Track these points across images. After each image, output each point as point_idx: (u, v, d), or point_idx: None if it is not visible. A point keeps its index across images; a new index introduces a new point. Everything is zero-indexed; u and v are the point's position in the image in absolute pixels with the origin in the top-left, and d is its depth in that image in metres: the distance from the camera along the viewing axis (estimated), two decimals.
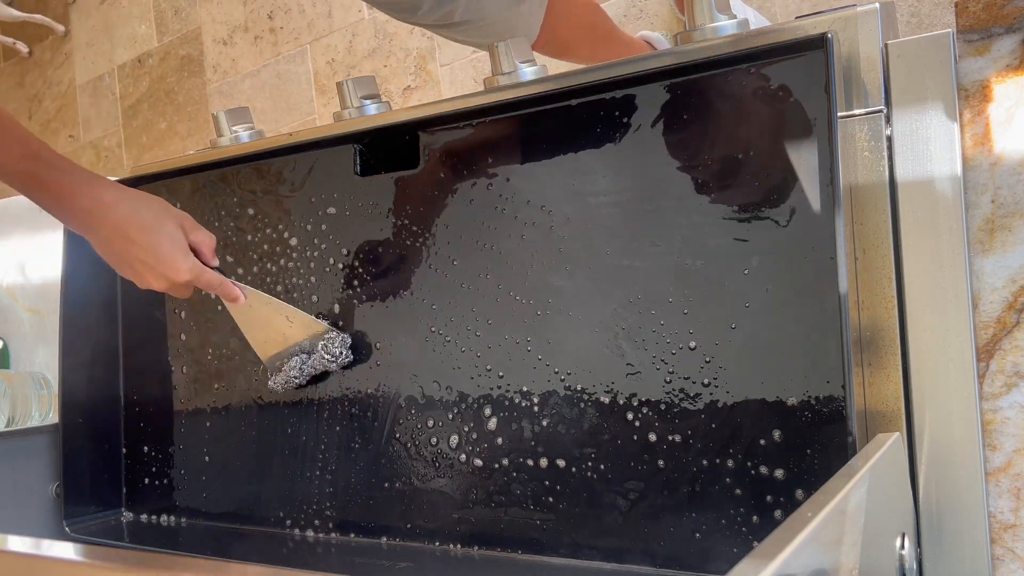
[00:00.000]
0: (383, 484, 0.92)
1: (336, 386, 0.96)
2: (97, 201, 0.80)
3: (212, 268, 0.86)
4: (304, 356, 0.93)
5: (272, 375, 0.96)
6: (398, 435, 0.91)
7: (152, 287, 0.84)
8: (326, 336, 0.92)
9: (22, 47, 2.30)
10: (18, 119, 0.83)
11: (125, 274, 0.84)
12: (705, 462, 0.74)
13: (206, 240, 0.86)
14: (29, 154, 0.78)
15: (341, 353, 0.92)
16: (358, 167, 0.95)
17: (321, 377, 0.95)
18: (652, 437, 0.77)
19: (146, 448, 1.10)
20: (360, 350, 0.94)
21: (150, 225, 0.81)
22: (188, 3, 1.72)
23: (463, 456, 0.87)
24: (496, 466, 0.85)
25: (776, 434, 0.71)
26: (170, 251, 0.82)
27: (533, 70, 0.88)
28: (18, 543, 0.57)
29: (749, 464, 0.72)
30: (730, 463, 0.73)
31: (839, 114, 0.69)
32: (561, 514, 0.80)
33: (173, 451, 1.08)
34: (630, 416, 0.78)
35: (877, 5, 0.71)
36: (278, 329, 0.93)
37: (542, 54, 1.12)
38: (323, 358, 0.92)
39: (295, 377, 0.94)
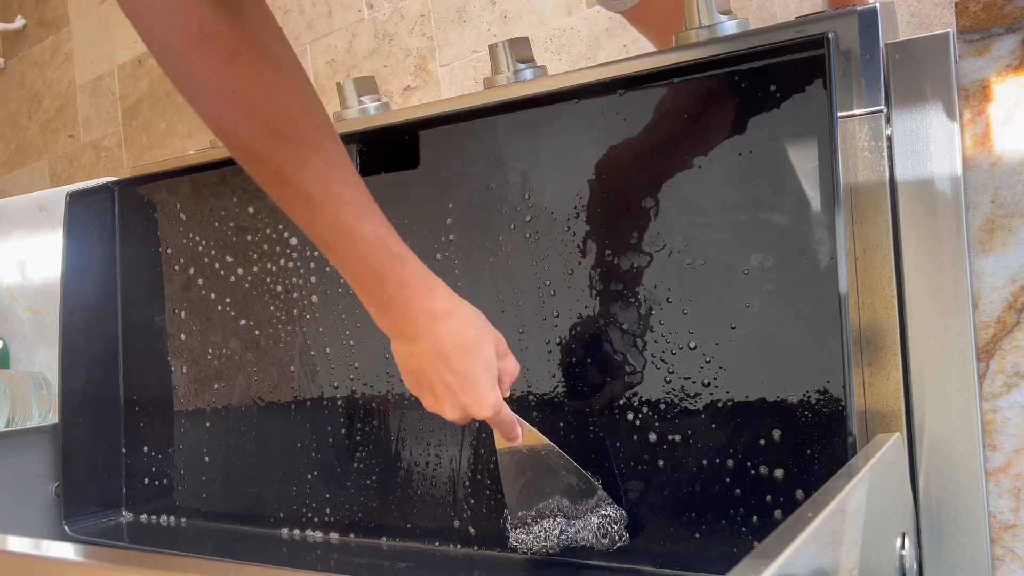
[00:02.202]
0: (383, 484, 0.92)
1: (337, 386, 0.96)
2: (428, 311, 0.67)
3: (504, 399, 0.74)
4: (563, 521, 0.78)
5: (516, 528, 0.80)
6: (398, 435, 0.91)
7: (442, 415, 0.71)
8: (600, 509, 0.77)
9: None
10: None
11: (417, 392, 0.71)
12: (705, 462, 0.74)
13: (512, 370, 0.73)
14: (381, 244, 0.64)
15: (619, 537, 0.76)
16: (358, 167, 0.95)
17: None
18: (652, 437, 0.77)
19: (146, 448, 1.10)
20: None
21: (471, 348, 0.68)
22: None
23: (463, 456, 0.87)
24: (496, 466, 0.85)
25: (776, 434, 0.71)
26: (483, 383, 0.69)
27: (532, 70, 0.89)
28: (18, 543, 0.57)
29: (749, 464, 0.72)
30: (730, 463, 0.73)
31: (839, 114, 0.69)
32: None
33: (173, 451, 1.08)
34: (630, 416, 0.78)
35: (877, 5, 0.71)
36: (540, 480, 0.78)
37: (631, 21, 1.08)
38: (594, 535, 0.77)
39: (544, 543, 0.78)
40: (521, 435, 0.76)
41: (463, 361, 0.68)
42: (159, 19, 0.56)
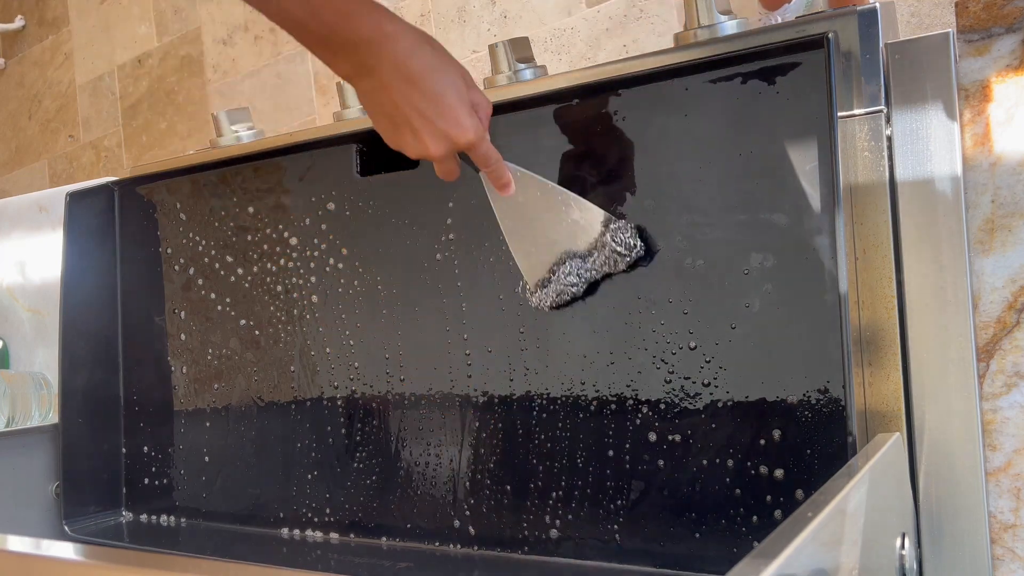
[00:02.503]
0: (383, 484, 0.92)
1: (337, 386, 0.96)
2: (379, 31, 0.63)
3: None
4: (579, 260, 0.76)
5: (536, 290, 0.78)
6: (398, 435, 0.91)
7: (426, 152, 0.67)
8: (610, 228, 0.75)
9: None
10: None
11: (397, 136, 0.67)
12: (705, 462, 0.74)
13: (484, 103, 0.69)
14: None
15: (634, 245, 0.74)
16: (358, 167, 0.95)
17: (593, 288, 0.79)
18: (652, 437, 0.77)
19: (146, 448, 1.10)
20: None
21: (435, 66, 0.64)
22: (188, 3, 1.72)
23: (463, 456, 0.87)
24: (496, 466, 0.85)
25: (776, 434, 0.71)
26: (456, 102, 0.65)
27: (532, 70, 0.88)
28: (18, 543, 0.57)
29: (749, 464, 0.72)
30: (730, 463, 0.73)
31: (839, 114, 0.69)
32: (561, 514, 0.80)
33: (173, 451, 1.08)
34: (630, 416, 0.78)
35: (877, 5, 0.71)
36: (546, 231, 0.75)
37: None
38: (614, 253, 0.74)
39: (571, 285, 0.76)
40: (513, 183, 0.72)
41: (432, 80, 0.64)
42: None
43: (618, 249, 0.74)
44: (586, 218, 0.74)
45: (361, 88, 0.66)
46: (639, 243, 0.75)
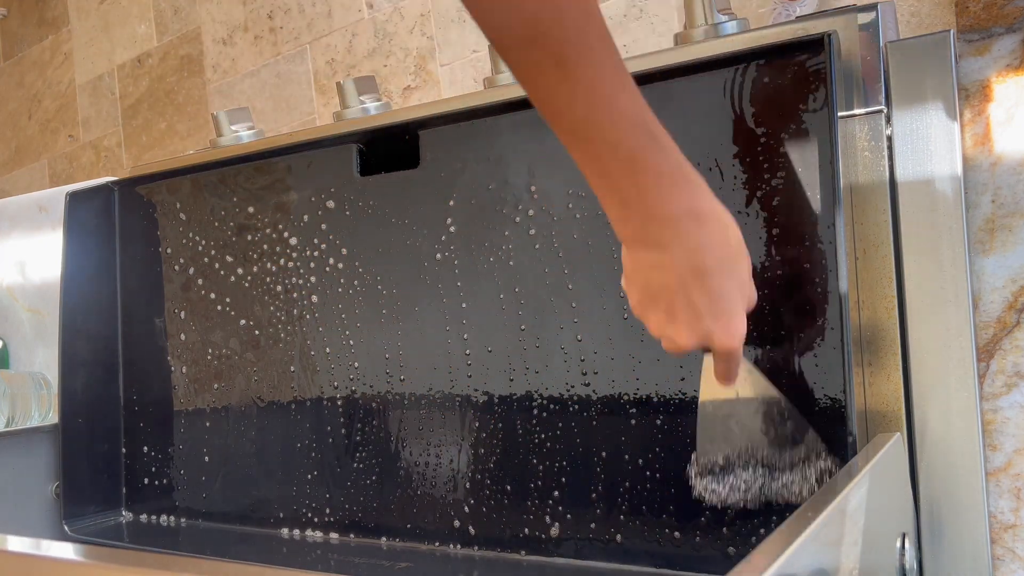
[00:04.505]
0: (383, 484, 0.92)
1: (337, 386, 0.96)
2: (691, 212, 0.54)
3: None
4: (764, 473, 0.68)
5: (703, 475, 0.70)
6: (398, 435, 0.91)
7: (673, 340, 0.59)
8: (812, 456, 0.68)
9: None
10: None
11: (647, 311, 0.59)
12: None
13: (754, 298, 0.61)
14: (639, 122, 0.52)
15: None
16: (358, 167, 0.95)
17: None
18: (652, 437, 0.77)
19: (146, 448, 1.10)
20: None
21: (729, 264, 0.56)
22: (188, 3, 1.72)
23: (463, 456, 0.87)
24: (496, 466, 0.85)
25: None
26: (737, 307, 0.57)
27: None
28: (18, 543, 0.57)
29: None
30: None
31: (839, 114, 0.69)
32: (561, 514, 0.80)
33: (173, 451, 1.08)
34: (630, 416, 0.78)
35: (877, 5, 0.71)
36: (744, 426, 0.68)
37: None
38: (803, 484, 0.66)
39: (729, 496, 0.68)
40: (738, 379, 0.63)
41: (722, 279, 0.56)
42: None
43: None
44: (798, 436, 0.67)
45: (632, 257, 0.57)
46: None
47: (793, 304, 0.71)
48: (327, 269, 0.96)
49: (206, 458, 1.05)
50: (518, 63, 0.50)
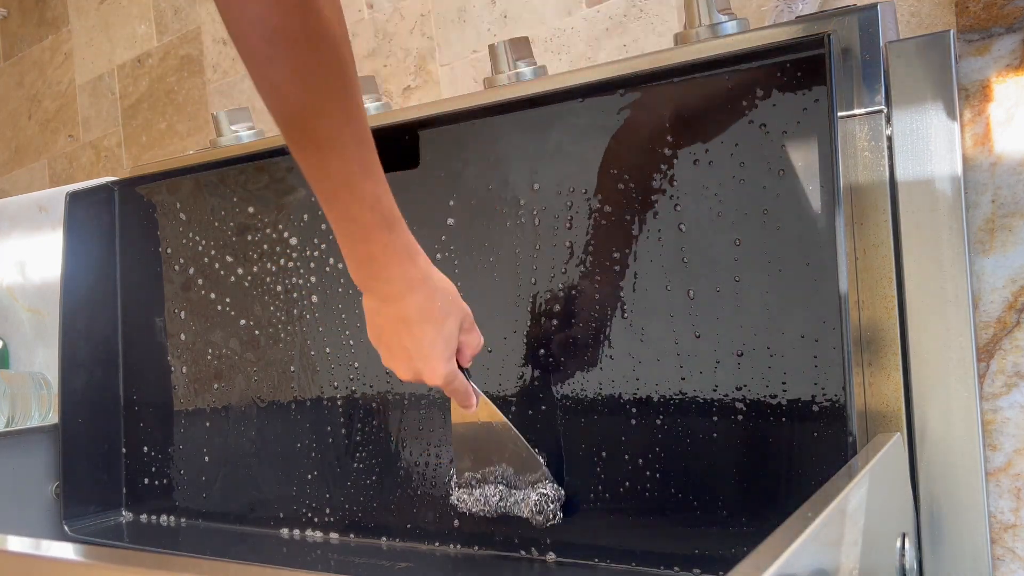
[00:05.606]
0: (383, 484, 0.92)
1: (337, 386, 0.96)
2: (404, 278, 0.69)
3: (463, 369, 0.76)
4: (504, 489, 0.81)
5: (459, 488, 0.84)
6: (398, 435, 0.91)
7: (395, 371, 0.74)
8: (540, 485, 0.80)
9: None
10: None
11: (375, 343, 0.74)
12: (705, 462, 0.74)
13: (475, 343, 0.76)
14: (376, 206, 0.65)
15: (552, 516, 0.79)
16: None
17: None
18: (652, 437, 0.77)
19: (146, 448, 1.10)
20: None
21: (434, 320, 0.71)
22: (188, 3, 1.72)
23: None
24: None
25: (776, 434, 0.71)
26: (439, 353, 0.72)
27: (532, 70, 0.89)
28: (18, 543, 0.57)
29: (749, 464, 0.72)
30: (730, 463, 0.73)
31: (839, 114, 0.69)
32: (561, 514, 0.80)
33: (173, 451, 1.08)
34: (630, 415, 0.78)
35: (877, 5, 0.71)
36: (488, 447, 0.81)
37: None
38: (530, 509, 0.80)
39: (482, 507, 0.81)
40: (476, 405, 0.78)
41: (423, 331, 0.71)
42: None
43: (537, 516, 0.79)
44: (526, 461, 0.80)
45: (365, 301, 0.72)
46: (558, 515, 0.79)
47: (793, 304, 0.71)
48: (327, 269, 0.96)
49: (206, 458, 1.05)
50: (288, 135, 0.61)
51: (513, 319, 0.84)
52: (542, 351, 0.83)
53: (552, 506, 0.79)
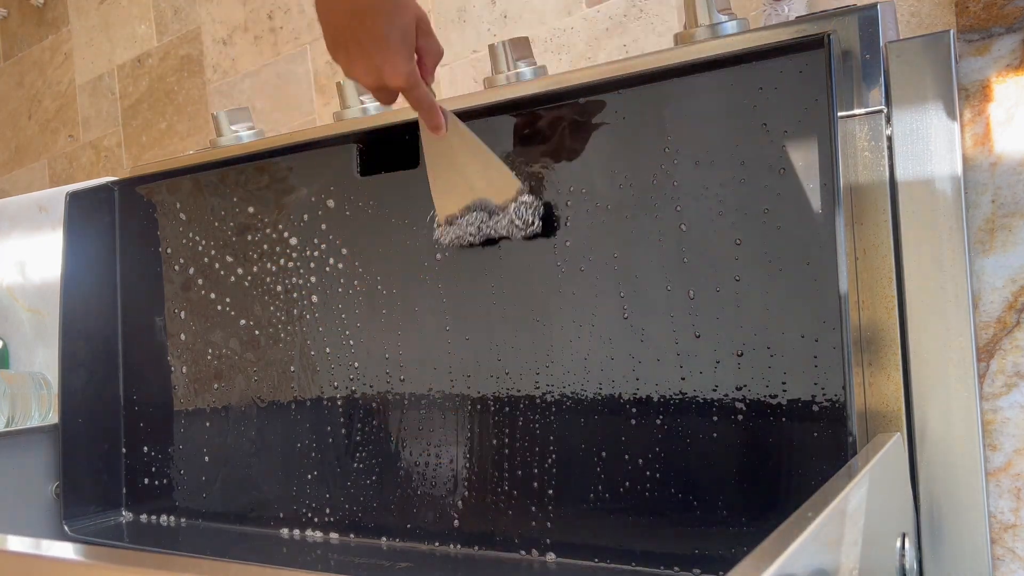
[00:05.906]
0: (383, 484, 0.92)
1: (337, 386, 0.96)
2: None
3: (427, 84, 0.74)
4: (485, 215, 0.82)
5: (441, 226, 0.85)
6: (398, 435, 0.91)
7: (358, 79, 0.71)
8: (519, 199, 0.81)
9: None
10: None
11: (335, 55, 0.70)
12: (705, 462, 0.74)
13: (435, 50, 0.73)
14: None
15: (532, 222, 0.81)
16: (358, 167, 0.95)
17: (492, 242, 0.85)
18: (652, 437, 0.77)
19: (146, 448, 1.10)
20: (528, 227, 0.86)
21: (387, 11, 0.67)
22: (188, 3, 1.72)
23: (464, 456, 0.87)
24: (496, 466, 0.85)
25: (776, 434, 0.71)
26: (396, 47, 0.68)
27: (532, 70, 0.88)
28: (18, 543, 0.57)
29: (749, 464, 0.72)
30: (730, 463, 0.73)
31: (839, 114, 0.69)
32: (562, 514, 0.80)
33: (173, 451, 1.08)
34: (630, 416, 0.78)
35: (877, 5, 0.71)
36: (466, 177, 0.81)
37: None
38: (512, 224, 0.81)
39: (469, 235, 0.83)
40: (445, 125, 0.76)
41: (377, 22, 0.67)
42: None
43: (516, 221, 0.80)
44: (502, 181, 0.81)
45: (318, 2, 0.68)
46: (537, 222, 0.81)
47: (793, 304, 0.71)
48: (327, 269, 0.96)
49: (206, 458, 1.05)
50: None
51: (513, 319, 0.84)
52: (542, 351, 0.83)
53: (529, 211, 0.80)
